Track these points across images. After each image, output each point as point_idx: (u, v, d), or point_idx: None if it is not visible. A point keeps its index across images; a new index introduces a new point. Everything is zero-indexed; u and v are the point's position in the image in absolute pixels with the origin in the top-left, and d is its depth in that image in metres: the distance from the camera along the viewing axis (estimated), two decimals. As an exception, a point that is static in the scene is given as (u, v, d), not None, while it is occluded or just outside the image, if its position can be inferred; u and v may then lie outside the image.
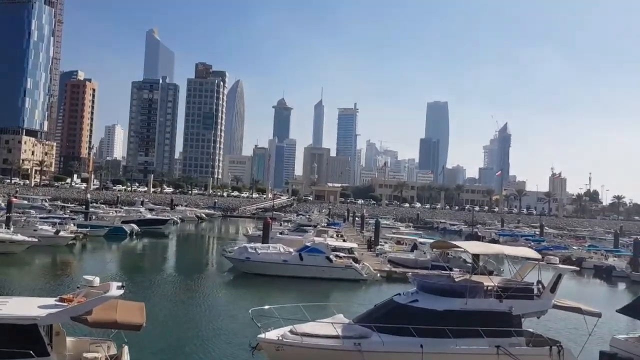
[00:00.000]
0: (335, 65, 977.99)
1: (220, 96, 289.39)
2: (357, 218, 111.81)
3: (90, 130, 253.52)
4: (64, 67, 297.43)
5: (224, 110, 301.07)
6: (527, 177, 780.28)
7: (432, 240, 41.68)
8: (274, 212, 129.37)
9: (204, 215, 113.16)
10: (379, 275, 42.87)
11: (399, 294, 19.60)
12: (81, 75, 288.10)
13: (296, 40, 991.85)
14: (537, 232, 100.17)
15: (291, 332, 17.26)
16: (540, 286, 19.69)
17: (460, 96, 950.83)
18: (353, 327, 17.83)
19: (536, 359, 17.94)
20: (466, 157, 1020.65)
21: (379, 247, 58.30)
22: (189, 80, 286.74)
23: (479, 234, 50.77)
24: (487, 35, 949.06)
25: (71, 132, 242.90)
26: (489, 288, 18.98)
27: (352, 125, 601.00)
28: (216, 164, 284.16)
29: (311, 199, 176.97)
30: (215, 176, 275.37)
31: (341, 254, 46.76)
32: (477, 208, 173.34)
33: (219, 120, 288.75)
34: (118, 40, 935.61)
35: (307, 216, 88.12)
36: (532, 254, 21.13)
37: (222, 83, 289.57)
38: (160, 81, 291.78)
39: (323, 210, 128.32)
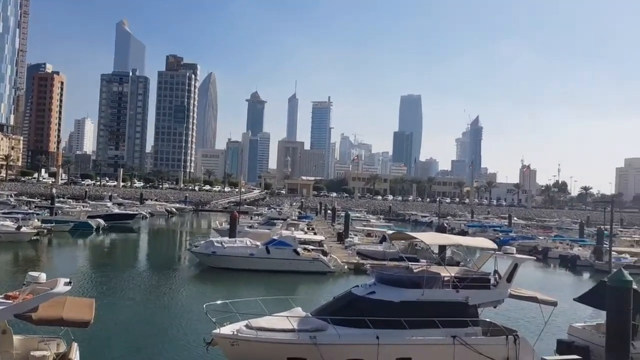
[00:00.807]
0: (310, 59, 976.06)
1: (192, 89, 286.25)
2: (329, 211, 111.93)
3: (59, 124, 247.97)
4: (31, 59, 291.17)
5: (195, 103, 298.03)
6: (499, 169, 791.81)
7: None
8: (247, 206, 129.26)
9: (174, 210, 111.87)
10: (346, 267, 42.89)
11: (357, 286, 19.53)
12: (49, 68, 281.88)
13: (270, 33, 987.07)
14: (505, 223, 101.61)
15: (247, 326, 17.03)
16: (497, 276, 19.79)
17: (433, 89, 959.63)
18: (310, 320, 17.67)
19: (492, 348, 17.99)
20: (439, 149, 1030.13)
21: (348, 239, 58.34)
22: (159, 73, 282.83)
23: (446, 225, 51.13)
24: (460, 29, 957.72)
25: (39, 125, 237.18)
26: (446, 279, 19.01)
27: (326, 118, 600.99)
28: (188, 157, 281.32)
29: (284, 192, 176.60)
30: (188, 170, 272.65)
31: (310, 247, 46.75)
32: (448, 200, 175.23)
33: (191, 114, 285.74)
34: (88, 32, 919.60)
35: (278, 209, 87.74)
36: (489, 244, 21.24)
37: (193, 76, 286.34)
38: (130, 74, 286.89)
39: (293, 204, 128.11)
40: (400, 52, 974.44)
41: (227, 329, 16.78)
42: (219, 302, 17.56)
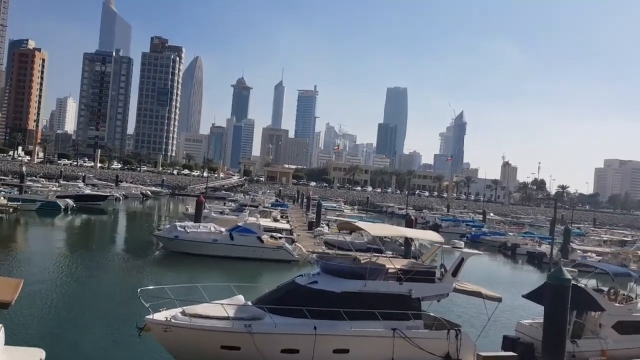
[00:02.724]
0: (297, 47, 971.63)
1: (176, 72, 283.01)
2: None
3: (39, 102, 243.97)
4: (13, 35, 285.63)
5: (179, 86, 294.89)
6: (481, 165, 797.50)
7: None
8: (224, 192, 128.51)
9: (149, 193, 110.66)
10: (311, 256, 42.62)
11: (302, 275, 19.24)
12: (31, 44, 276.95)
13: (258, 20, 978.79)
14: (480, 218, 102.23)
15: (182, 313, 16.65)
16: (443, 270, 19.65)
17: (419, 83, 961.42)
18: (248, 308, 17.33)
19: (432, 342, 17.83)
20: (423, 143, 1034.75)
21: (318, 229, 58.12)
22: (143, 54, 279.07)
23: (413, 217, 51.14)
24: (448, 24, 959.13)
25: (18, 102, 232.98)
26: (392, 271, 18.80)
27: (312, 107, 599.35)
28: (170, 141, 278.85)
29: (263, 179, 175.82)
30: (169, 154, 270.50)
31: (278, 235, 46.45)
32: (426, 193, 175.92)
33: (174, 97, 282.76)
34: (73, 9, 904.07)
35: (252, 197, 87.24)
36: (436, 237, 21.05)
37: (178, 59, 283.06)
38: (114, 54, 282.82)
39: (268, 191, 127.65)
40: (388, 43, 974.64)
41: (160, 315, 16.37)
42: (150, 287, 17.08)
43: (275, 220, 60.83)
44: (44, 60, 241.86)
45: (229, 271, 35.68)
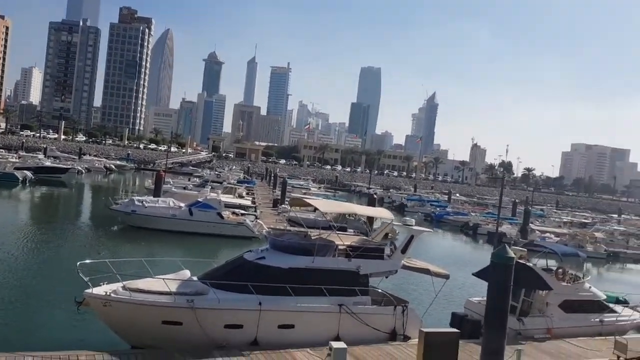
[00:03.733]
0: (271, 22, 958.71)
1: (145, 44, 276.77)
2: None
3: (2, 71, 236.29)
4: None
5: (149, 59, 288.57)
6: (451, 146, 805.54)
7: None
8: (192, 168, 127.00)
9: (113, 167, 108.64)
10: (262, 232, 42.33)
11: (250, 251, 18.99)
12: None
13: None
14: (445, 199, 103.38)
15: (123, 287, 16.22)
16: (392, 247, 19.63)
17: (393, 63, 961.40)
18: (192, 283, 17.00)
19: (378, 318, 17.88)
20: (396, 124, 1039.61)
21: (282, 206, 57.85)
22: (111, 25, 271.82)
23: (374, 196, 51.30)
24: (422, 4, 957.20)
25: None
26: (341, 247, 18.69)
27: (285, 84, 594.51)
28: (138, 115, 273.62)
29: (232, 156, 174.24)
30: (137, 128, 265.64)
31: (240, 211, 46.09)
32: (395, 173, 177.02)
33: (143, 70, 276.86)
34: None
35: (217, 173, 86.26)
36: (386, 214, 20.97)
37: (147, 30, 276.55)
38: (81, 23, 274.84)
39: (234, 168, 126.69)
40: (363, 22, 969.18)
41: (100, 290, 15.92)
42: (88, 261, 16.56)
43: (240, 197, 60.35)
44: (7, 28, 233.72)
45: (186, 247, 35.27)
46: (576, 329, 21.10)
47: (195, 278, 17.62)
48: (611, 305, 23.21)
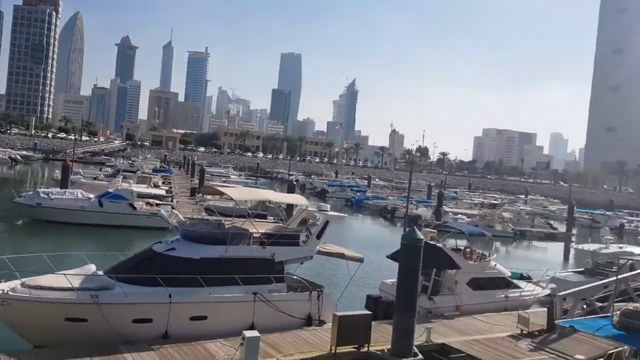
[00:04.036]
0: (187, 6, 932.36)
1: (53, 27, 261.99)
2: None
3: None
4: None
5: (56, 43, 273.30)
6: (371, 132, 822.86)
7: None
8: (104, 157, 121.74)
9: (19, 157, 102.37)
10: (172, 222, 41.34)
11: (160, 242, 18.39)
12: None
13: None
14: (365, 184, 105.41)
15: (23, 285, 15.27)
16: (308, 233, 19.67)
17: (314, 50, 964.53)
18: (96, 278, 16.24)
19: (294, 304, 17.91)
20: (317, 110, 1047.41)
21: (199, 195, 56.61)
22: (15, 7, 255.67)
23: (295, 183, 51.46)
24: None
25: None
26: (256, 235, 18.50)
27: (203, 70, 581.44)
28: (46, 102, 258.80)
29: (148, 144, 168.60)
30: (45, 116, 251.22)
31: (156, 201, 44.71)
32: (317, 160, 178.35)
33: (51, 54, 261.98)
34: None
35: (130, 162, 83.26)
36: (301, 200, 20.98)
37: (54, 13, 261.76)
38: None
39: (149, 156, 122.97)
40: (282, 7, 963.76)
41: (-3, 287, 14.91)
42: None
43: (156, 186, 58.56)
44: None
45: (96, 240, 33.88)
46: (483, 305, 22.12)
47: (101, 272, 16.88)
48: (515, 281, 24.49)
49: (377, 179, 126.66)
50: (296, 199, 21.67)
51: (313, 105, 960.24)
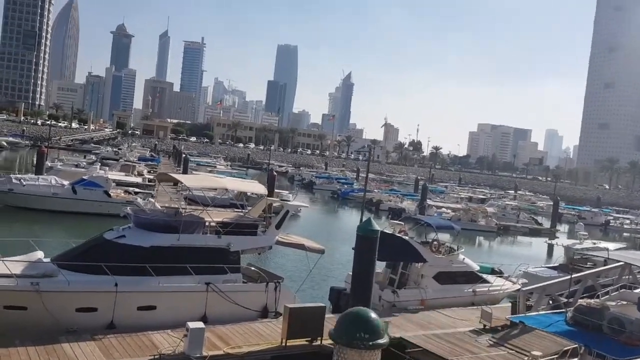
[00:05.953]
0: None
1: (46, 13, 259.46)
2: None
3: None
4: None
5: (50, 30, 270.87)
6: (366, 125, 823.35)
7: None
8: (93, 145, 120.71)
9: (5, 144, 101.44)
10: (123, 209, 40.81)
11: (111, 229, 17.89)
12: None
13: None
14: (354, 176, 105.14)
15: (-37, 273, 14.75)
16: (267, 222, 19.19)
17: (311, 42, 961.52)
18: (40, 265, 15.71)
19: (250, 295, 17.46)
20: (313, 103, 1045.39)
21: (181, 184, 56.02)
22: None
23: (274, 172, 50.95)
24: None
25: None
26: (213, 224, 18.01)
27: (199, 60, 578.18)
28: (38, 89, 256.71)
29: (139, 133, 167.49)
30: (37, 103, 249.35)
31: (134, 190, 44.11)
32: (309, 151, 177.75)
33: (44, 41, 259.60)
34: None
35: (115, 150, 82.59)
36: (259, 189, 20.50)
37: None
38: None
39: (134, 144, 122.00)
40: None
41: None
42: None
43: (140, 174, 57.89)
44: None
45: (68, 227, 33.33)
46: (449, 299, 21.71)
47: (47, 260, 16.37)
48: (485, 275, 24.09)
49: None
50: (254, 187, 21.17)
51: (308, 98, 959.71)
